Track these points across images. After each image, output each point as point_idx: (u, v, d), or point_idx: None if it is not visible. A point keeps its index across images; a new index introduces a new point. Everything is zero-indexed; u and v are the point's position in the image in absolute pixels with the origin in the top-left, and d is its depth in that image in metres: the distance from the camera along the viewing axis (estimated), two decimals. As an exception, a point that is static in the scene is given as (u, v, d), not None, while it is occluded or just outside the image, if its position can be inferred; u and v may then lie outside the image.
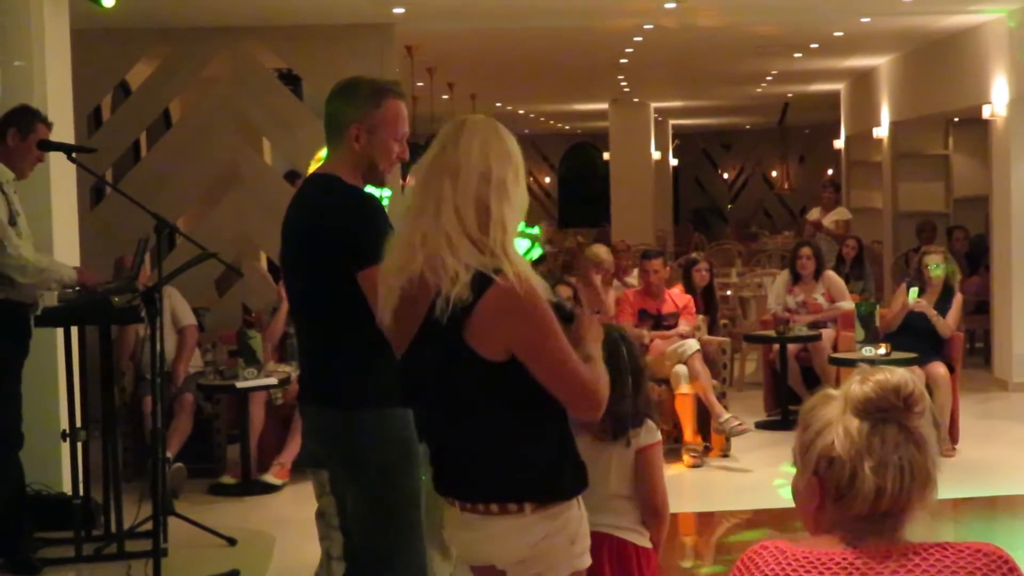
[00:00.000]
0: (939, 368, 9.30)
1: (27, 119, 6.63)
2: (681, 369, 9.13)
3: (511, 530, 3.28)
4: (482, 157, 3.22)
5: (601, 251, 11.08)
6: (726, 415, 9.09)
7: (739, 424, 9.07)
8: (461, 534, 3.39)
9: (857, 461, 2.23)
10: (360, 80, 4.11)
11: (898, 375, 2.26)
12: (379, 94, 4.02)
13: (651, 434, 4.20)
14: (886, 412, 2.23)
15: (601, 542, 4.02)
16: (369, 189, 4.18)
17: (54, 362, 7.22)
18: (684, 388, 9.10)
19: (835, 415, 2.26)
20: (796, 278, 11.16)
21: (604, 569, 4.12)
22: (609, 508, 4.16)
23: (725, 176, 34.06)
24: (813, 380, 10.57)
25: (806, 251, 11.17)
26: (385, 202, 4.29)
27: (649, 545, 4.20)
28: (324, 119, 4.13)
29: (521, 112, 24.92)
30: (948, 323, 9.63)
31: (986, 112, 12.47)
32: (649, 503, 4.16)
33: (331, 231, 3.92)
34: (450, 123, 3.35)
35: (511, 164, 3.27)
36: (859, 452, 2.23)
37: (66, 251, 7.63)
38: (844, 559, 2.21)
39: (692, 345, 9.27)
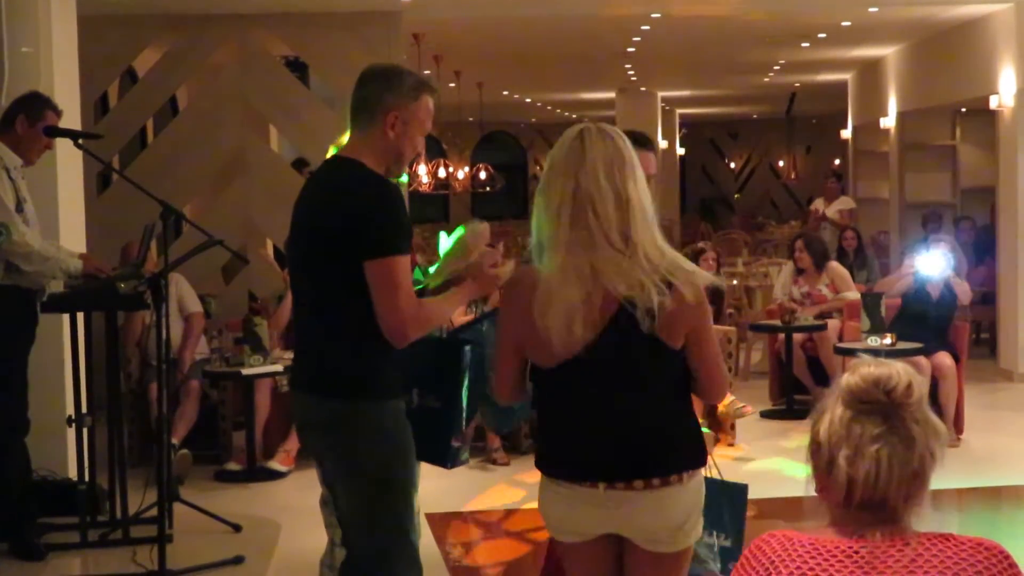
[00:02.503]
0: (945, 358, 9.31)
1: (36, 106, 6.64)
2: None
3: (669, 499, 3.52)
4: (609, 182, 3.46)
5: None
6: (730, 397, 9.13)
7: (743, 406, 9.12)
8: (606, 508, 3.52)
9: (836, 449, 2.27)
10: (404, 69, 4.17)
11: (885, 368, 2.28)
12: (419, 87, 4.09)
13: None
14: (869, 404, 2.26)
15: None
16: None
17: (60, 348, 7.24)
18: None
19: (830, 403, 2.29)
20: (800, 270, 11.20)
21: None
22: None
23: (732, 165, 34.01)
24: (819, 370, 10.59)
25: (799, 244, 11.27)
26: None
27: None
28: (354, 101, 4.08)
29: (528, 101, 24.91)
30: (966, 288, 9.77)
31: (993, 102, 12.46)
32: None
33: (352, 217, 3.90)
34: (567, 138, 3.56)
35: (636, 176, 3.52)
36: (838, 440, 2.27)
37: (72, 237, 7.64)
38: (849, 547, 2.23)
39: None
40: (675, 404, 3.61)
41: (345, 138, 4.25)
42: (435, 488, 5.96)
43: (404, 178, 4.63)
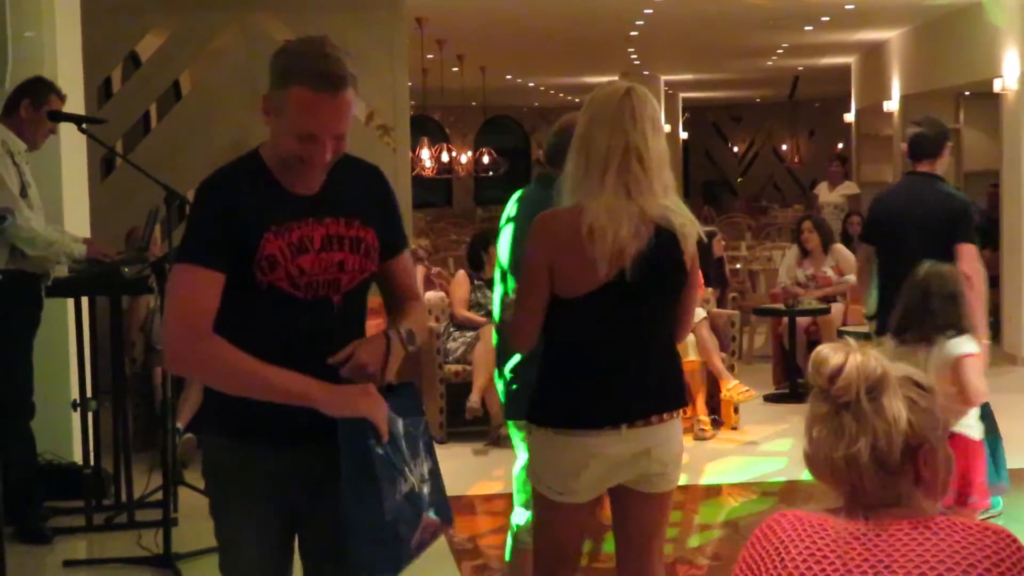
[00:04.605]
0: (948, 342, 9.31)
1: (40, 91, 6.64)
2: (688, 338, 9.18)
3: (676, 430, 3.95)
4: (655, 139, 3.83)
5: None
6: (733, 381, 9.15)
7: (746, 390, 9.14)
8: (624, 451, 3.82)
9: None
10: (286, 47, 3.30)
11: (830, 350, 2.30)
12: (287, 73, 3.17)
13: (967, 345, 5.16)
14: (817, 386, 2.29)
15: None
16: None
17: (65, 332, 7.25)
18: (691, 356, 9.15)
19: None
20: (805, 252, 11.19)
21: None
22: None
23: (735, 149, 34.01)
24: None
25: (807, 224, 11.23)
26: None
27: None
28: None
29: (531, 85, 24.90)
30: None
31: (997, 86, 12.44)
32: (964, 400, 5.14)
33: None
34: (613, 95, 3.82)
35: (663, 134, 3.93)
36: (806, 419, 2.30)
37: (77, 222, 7.64)
38: (857, 529, 2.24)
39: (698, 313, 9.32)
40: (674, 346, 4.04)
41: None
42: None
43: None
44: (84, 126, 6.72)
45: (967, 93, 16.24)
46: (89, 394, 6.91)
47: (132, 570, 6.28)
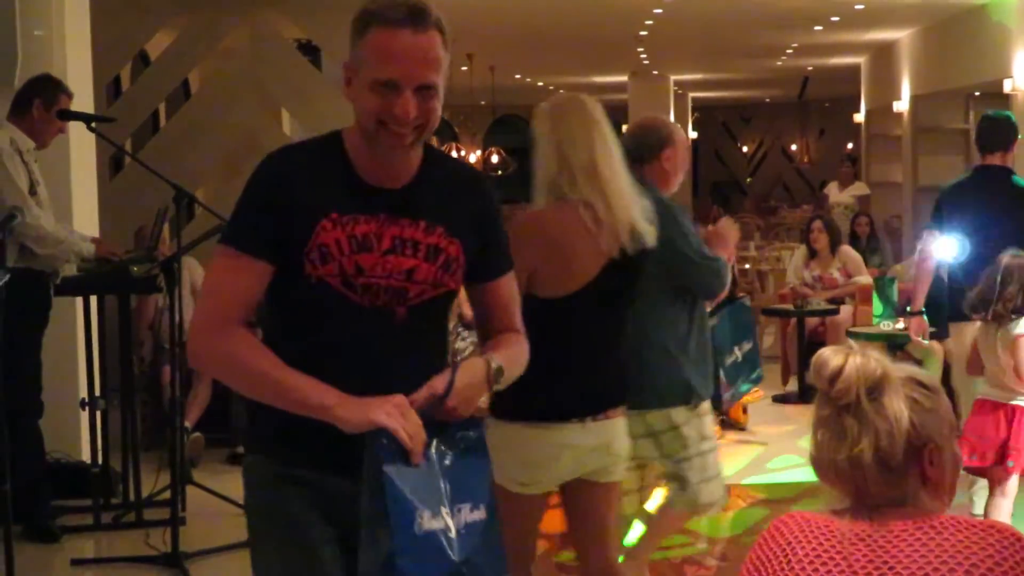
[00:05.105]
0: (957, 343, 9.30)
1: (50, 90, 6.65)
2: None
3: (624, 425, 4.14)
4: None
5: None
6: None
7: (754, 391, 9.12)
8: (588, 442, 4.00)
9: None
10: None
11: (831, 352, 2.30)
12: (366, 20, 2.76)
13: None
14: (819, 389, 2.30)
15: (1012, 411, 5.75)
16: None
17: (73, 331, 7.25)
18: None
19: None
20: (812, 253, 11.16)
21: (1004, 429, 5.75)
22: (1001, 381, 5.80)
23: (744, 149, 33.95)
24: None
25: (817, 224, 11.19)
26: None
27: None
28: None
29: (540, 84, 24.89)
30: None
31: (1007, 86, 12.42)
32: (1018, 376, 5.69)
33: None
34: (573, 104, 4.13)
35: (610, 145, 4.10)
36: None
37: (85, 221, 7.65)
38: (862, 530, 2.24)
39: (706, 314, 9.32)
40: (626, 342, 4.20)
41: None
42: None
43: None
44: (93, 125, 6.72)
45: (977, 94, 16.21)
46: (97, 393, 6.92)
47: (140, 569, 6.28)
